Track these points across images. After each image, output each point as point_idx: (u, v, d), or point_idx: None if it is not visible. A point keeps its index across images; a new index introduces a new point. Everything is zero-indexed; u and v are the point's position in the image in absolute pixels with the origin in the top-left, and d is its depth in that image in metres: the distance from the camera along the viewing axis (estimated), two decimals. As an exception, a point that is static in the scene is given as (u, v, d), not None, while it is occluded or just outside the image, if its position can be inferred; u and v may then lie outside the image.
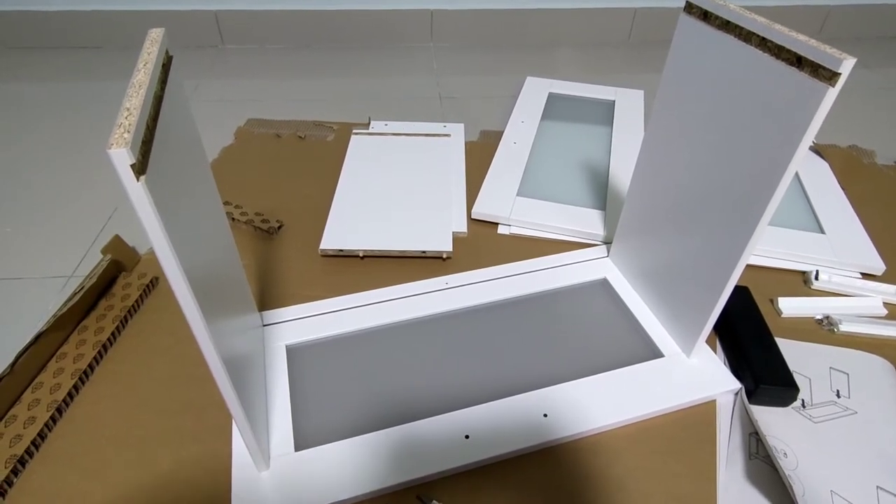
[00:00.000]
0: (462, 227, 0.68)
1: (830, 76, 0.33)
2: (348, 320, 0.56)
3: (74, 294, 0.55)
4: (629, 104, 0.93)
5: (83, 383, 0.50)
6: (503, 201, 0.70)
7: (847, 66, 0.32)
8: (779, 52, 0.37)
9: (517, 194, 0.72)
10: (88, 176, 0.79)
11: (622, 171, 0.76)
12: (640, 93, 0.96)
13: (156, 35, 0.34)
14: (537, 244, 0.67)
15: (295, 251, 0.65)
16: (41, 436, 0.46)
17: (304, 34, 1.18)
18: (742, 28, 0.39)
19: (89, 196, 0.75)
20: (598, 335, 0.55)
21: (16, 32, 1.12)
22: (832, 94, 0.34)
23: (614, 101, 0.93)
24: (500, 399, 0.48)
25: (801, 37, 0.35)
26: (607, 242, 0.66)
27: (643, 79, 1.08)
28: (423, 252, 0.63)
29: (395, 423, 0.47)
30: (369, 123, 0.89)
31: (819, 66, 0.34)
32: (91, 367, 0.51)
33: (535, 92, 0.96)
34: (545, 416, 0.47)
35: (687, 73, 0.45)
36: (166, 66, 0.34)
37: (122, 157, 0.24)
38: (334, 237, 0.64)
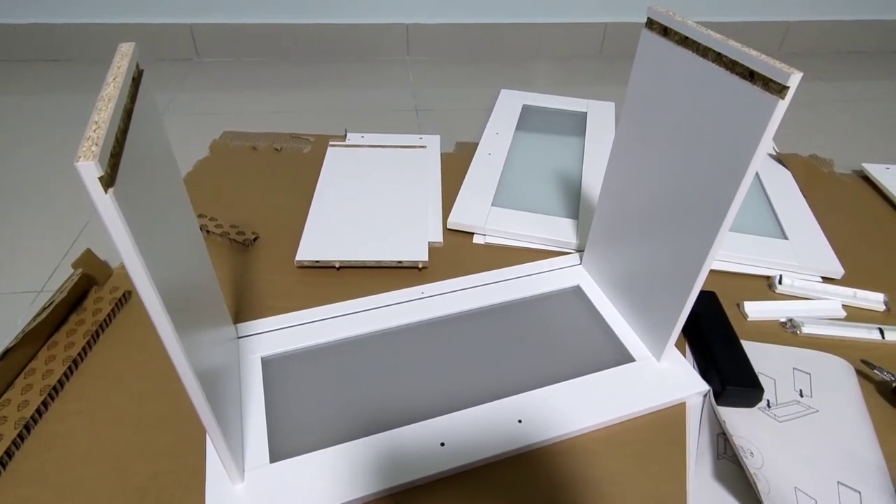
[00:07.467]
0: (438, 237, 0.69)
1: (780, 89, 0.35)
2: (324, 331, 0.56)
3: (44, 309, 0.54)
4: (601, 116, 0.95)
5: (52, 400, 0.49)
6: (478, 211, 0.72)
7: (794, 79, 0.34)
8: (733, 66, 0.38)
9: (492, 204, 0.73)
10: (59, 189, 0.78)
11: (594, 181, 0.78)
12: (612, 104, 0.99)
13: (126, 49, 0.34)
14: (512, 253, 0.68)
15: (270, 263, 0.65)
16: (8, 454, 0.45)
17: (280, 47, 1.19)
18: (699, 44, 0.41)
19: (60, 209, 0.74)
20: (571, 341, 0.56)
21: (-16, 45, 1.11)
22: (782, 105, 0.36)
23: (586, 113, 0.96)
24: (475, 406, 0.49)
25: (753, 52, 0.37)
26: (580, 250, 0.67)
27: (614, 91, 1.11)
28: (399, 262, 0.63)
29: (370, 432, 0.47)
30: (345, 135, 0.90)
31: (769, 80, 0.36)
32: (61, 382, 0.50)
33: (509, 104, 0.98)
34: (519, 421, 0.48)
35: (650, 85, 0.47)
36: (136, 79, 0.34)
37: (89, 170, 0.24)
38: (310, 248, 0.65)
